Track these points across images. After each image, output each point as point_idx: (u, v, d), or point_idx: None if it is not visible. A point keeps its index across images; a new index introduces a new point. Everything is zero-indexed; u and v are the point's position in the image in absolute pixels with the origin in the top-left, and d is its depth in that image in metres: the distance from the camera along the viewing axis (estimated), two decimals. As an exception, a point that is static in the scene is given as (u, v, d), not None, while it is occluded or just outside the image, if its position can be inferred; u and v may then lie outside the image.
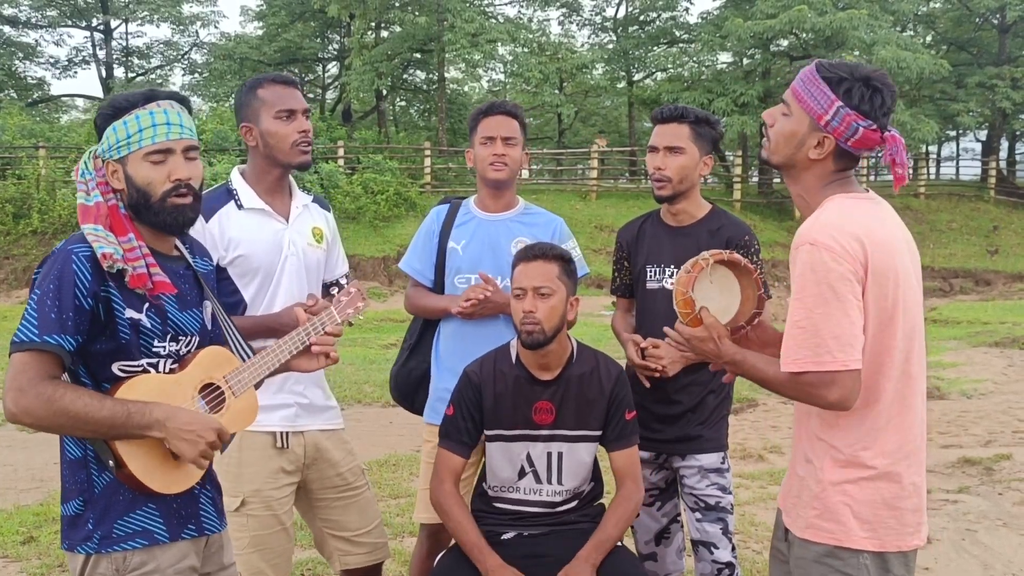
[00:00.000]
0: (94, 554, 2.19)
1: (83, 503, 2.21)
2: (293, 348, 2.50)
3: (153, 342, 2.24)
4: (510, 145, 3.36)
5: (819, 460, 2.29)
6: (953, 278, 23.13)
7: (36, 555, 4.67)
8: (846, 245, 2.16)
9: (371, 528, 3.24)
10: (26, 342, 2.08)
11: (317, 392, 3.18)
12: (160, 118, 2.23)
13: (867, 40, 24.66)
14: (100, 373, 2.20)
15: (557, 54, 30.24)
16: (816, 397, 2.19)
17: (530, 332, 2.94)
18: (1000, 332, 13.27)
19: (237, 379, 2.35)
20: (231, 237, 2.98)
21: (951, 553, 4.85)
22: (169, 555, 2.26)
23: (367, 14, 27.31)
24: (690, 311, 2.36)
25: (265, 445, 3.02)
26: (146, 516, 2.23)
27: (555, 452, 3.07)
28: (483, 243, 3.39)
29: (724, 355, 2.35)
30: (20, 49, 35.21)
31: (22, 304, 16.84)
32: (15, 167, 20.85)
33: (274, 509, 3.03)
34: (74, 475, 2.23)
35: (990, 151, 32.41)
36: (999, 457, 6.73)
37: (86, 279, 2.12)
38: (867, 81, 2.23)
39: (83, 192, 2.24)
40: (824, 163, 2.29)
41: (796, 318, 2.18)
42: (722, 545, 3.30)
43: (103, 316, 2.16)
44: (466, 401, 3.07)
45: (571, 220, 3.90)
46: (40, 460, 6.52)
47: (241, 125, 3.08)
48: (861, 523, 2.24)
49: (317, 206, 3.26)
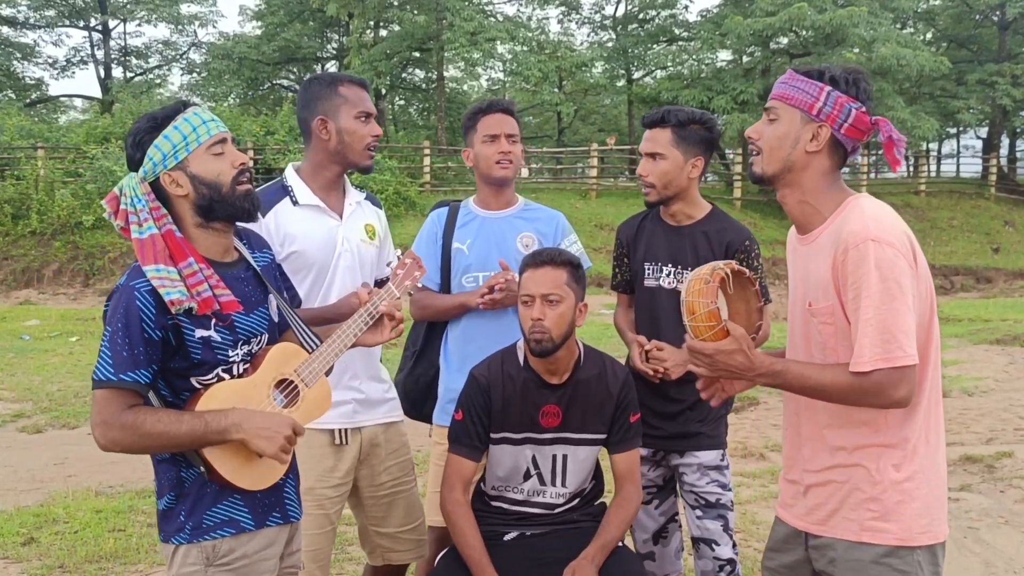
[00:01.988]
0: (186, 543, 2.32)
1: (175, 497, 2.34)
2: (359, 329, 2.55)
3: (227, 352, 2.33)
4: (513, 142, 3.38)
5: (870, 462, 2.26)
6: (954, 275, 23.14)
7: (37, 556, 4.66)
8: (903, 239, 2.17)
9: (415, 525, 3.25)
10: (103, 380, 2.20)
11: (374, 386, 3.17)
12: (205, 115, 2.32)
13: (867, 37, 24.66)
14: (178, 386, 2.30)
15: (556, 52, 30.23)
16: (881, 396, 2.15)
17: (539, 340, 2.91)
18: (1001, 329, 13.25)
19: (308, 370, 2.43)
20: (286, 233, 2.98)
21: (953, 551, 4.84)
22: (255, 542, 2.38)
23: (366, 13, 27.31)
24: (715, 323, 2.20)
25: (323, 443, 3.02)
26: (232, 507, 2.36)
27: (560, 455, 3.06)
28: (489, 241, 3.39)
29: (758, 367, 2.22)
30: (18, 49, 35.21)
31: (21, 305, 16.84)
32: (13, 168, 20.85)
33: (326, 508, 3.03)
34: (165, 473, 2.35)
35: (991, 148, 32.40)
36: (1001, 455, 6.72)
37: (151, 313, 2.21)
38: (847, 71, 2.29)
39: (135, 225, 2.25)
40: (821, 157, 2.28)
41: (867, 315, 2.14)
42: (723, 542, 3.29)
43: (174, 341, 2.25)
44: (475, 405, 3.03)
45: (571, 218, 3.89)
46: (40, 461, 6.51)
47: (318, 118, 3.04)
48: (918, 519, 2.24)
49: (369, 203, 3.27)
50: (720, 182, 28.49)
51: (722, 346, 2.20)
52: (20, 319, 14.61)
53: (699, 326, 2.22)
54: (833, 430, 2.32)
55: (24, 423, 7.69)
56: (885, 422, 2.24)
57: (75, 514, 5.21)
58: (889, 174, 37.90)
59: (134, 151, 2.29)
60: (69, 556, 4.61)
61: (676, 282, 3.30)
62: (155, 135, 2.28)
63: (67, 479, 6.05)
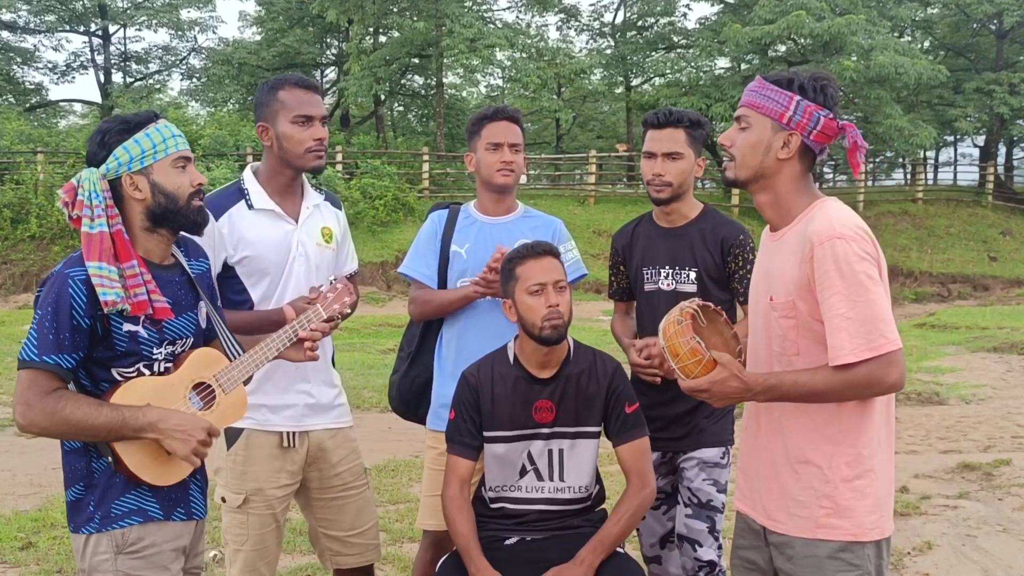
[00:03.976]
0: (95, 533, 2.39)
1: (84, 488, 2.41)
2: (282, 344, 2.64)
3: (152, 349, 2.42)
4: (516, 151, 3.39)
5: (823, 459, 2.33)
6: (951, 283, 23.16)
7: (35, 560, 4.66)
8: (866, 238, 2.28)
9: (364, 529, 3.24)
10: (27, 361, 2.29)
11: (325, 390, 3.19)
12: (175, 130, 2.45)
13: (865, 45, 24.70)
14: (98, 375, 2.39)
15: (555, 59, 30.27)
16: (875, 385, 2.23)
17: (556, 326, 2.95)
18: (999, 337, 13.27)
19: (227, 377, 2.52)
20: (240, 236, 3.00)
21: (951, 559, 4.84)
22: (164, 532, 2.46)
23: (365, 19, 27.32)
24: (700, 357, 2.27)
25: (271, 445, 3.04)
26: (140, 496, 2.43)
27: (556, 449, 3.08)
28: (487, 246, 3.39)
29: (754, 387, 2.29)
30: (18, 54, 35.17)
31: (21, 309, 16.83)
32: (13, 172, 20.81)
33: (274, 508, 3.06)
34: (73, 464, 2.43)
35: (988, 156, 32.42)
36: (999, 462, 6.73)
37: (82, 302, 2.30)
38: (814, 77, 2.37)
39: (87, 219, 2.35)
40: (792, 163, 2.38)
41: (840, 311, 2.22)
42: (707, 543, 3.31)
43: (100, 331, 2.34)
44: (466, 404, 3.08)
45: (569, 225, 3.91)
46: (38, 465, 6.51)
47: (258, 124, 3.09)
48: (869, 515, 2.32)
49: (328, 204, 3.28)
50: (718, 188, 28.51)
51: (715, 376, 2.28)
52: (19, 323, 14.61)
53: (686, 365, 2.30)
54: (789, 424, 2.38)
55: (22, 428, 7.67)
56: (840, 420, 2.31)
57: (73, 519, 5.20)
58: (886, 182, 38.01)
59: (99, 149, 2.40)
60: (67, 561, 4.61)
61: (675, 283, 3.34)
62: (124, 137, 2.39)
63: (65, 484, 6.04)
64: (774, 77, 2.40)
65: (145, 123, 2.41)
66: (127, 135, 2.39)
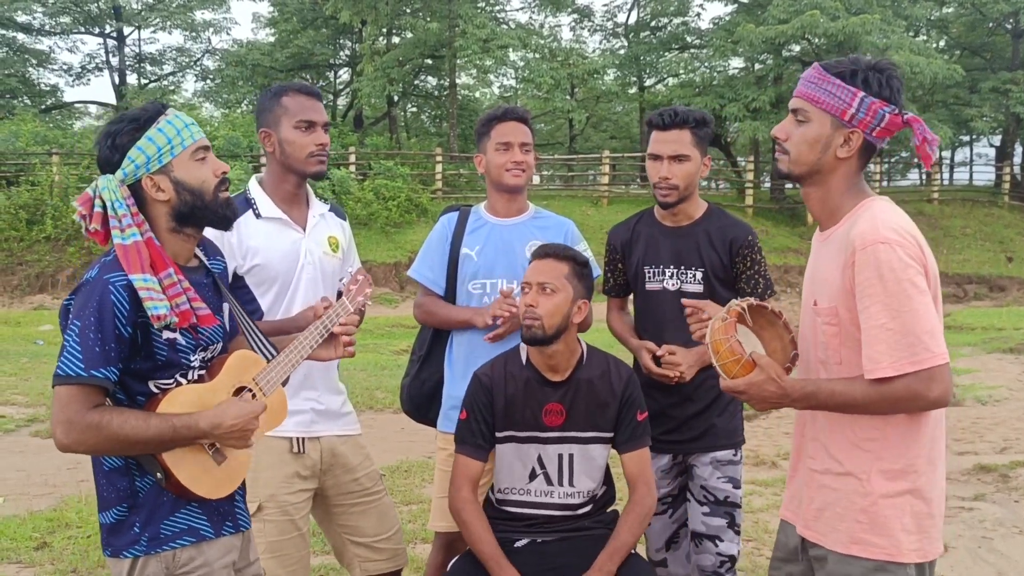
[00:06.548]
0: (143, 555, 2.24)
1: (127, 509, 2.25)
2: (315, 341, 2.54)
3: (189, 357, 2.29)
4: (527, 151, 3.38)
5: (864, 472, 2.23)
6: (967, 284, 23.03)
7: (49, 560, 4.67)
8: (913, 242, 2.15)
9: (391, 534, 3.24)
10: (72, 376, 2.10)
11: (333, 398, 3.18)
12: (187, 119, 2.26)
13: (880, 45, 24.58)
14: (134, 389, 2.23)
15: (568, 60, 30.28)
16: (916, 400, 2.11)
17: (529, 326, 2.93)
18: (1015, 338, 13.17)
19: (266, 379, 2.40)
20: (249, 246, 3.00)
21: (967, 561, 4.81)
22: (215, 550, 2.33)
23: (378, 20, 27.37)
24: (737, 357, 2.20)
25: (281, 450, 3.03)
26: (191, 515, 2.30)
27: (566, 454, 3.06)
28: (497, 248, 3.39)
29: (791, 393, 2.20)
30: (34, 56, 35.42)
31: (36, 310, 16.91)
32: (29, 173, 20.95)
33: (291, 514, 3.04)
34: (115, 483, 2.26)
35: (1004, 156, 32.25)
36: (1015, 464, 6.68)
37: (125, 309, 2.14)
38: (877, 67, 2.22)
39: (117, 230, 2.17)
40: (851, 161, 2.26)
41: (880, 320, 2.10)
42: (727, 538, 3.30)
43: (140, 340, 2.18)
44: (478, 404, 3.06)
45: (582, 226, 3.88)
46: (52, 466, 6.54)
47: (260, 130, 3.10)
48: (909, 535, 2.20)
49: (333, 215, 3.28)
50: (732, 189, 28.44)
51: (752, 378, 2.20)
52: (34, 324, 14.70)
53: (726, 363, 2.23)
54: (833, 433, 2.29)
55: (37, 427, 7.71)
56: (885, 432, 2.20)
57: (88, 519, 5.22)
58: (902, 182, 37.76)
59: (111, 153, 2.21)
60: (82, 561, 4.63)
61: (680, 283, 3.31)
62: (136, 136, 2.20)
63: (80, 484, 6.07)
64: (835, 68, 2.22)
65: (155, 117, 2.21)
66: (138, 133, 2.20)
